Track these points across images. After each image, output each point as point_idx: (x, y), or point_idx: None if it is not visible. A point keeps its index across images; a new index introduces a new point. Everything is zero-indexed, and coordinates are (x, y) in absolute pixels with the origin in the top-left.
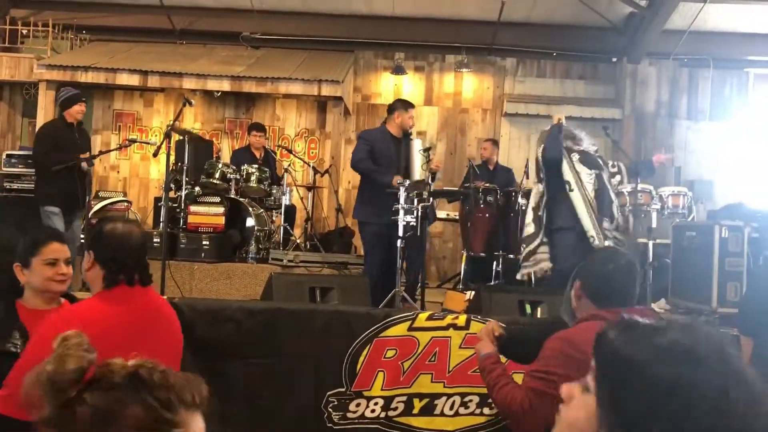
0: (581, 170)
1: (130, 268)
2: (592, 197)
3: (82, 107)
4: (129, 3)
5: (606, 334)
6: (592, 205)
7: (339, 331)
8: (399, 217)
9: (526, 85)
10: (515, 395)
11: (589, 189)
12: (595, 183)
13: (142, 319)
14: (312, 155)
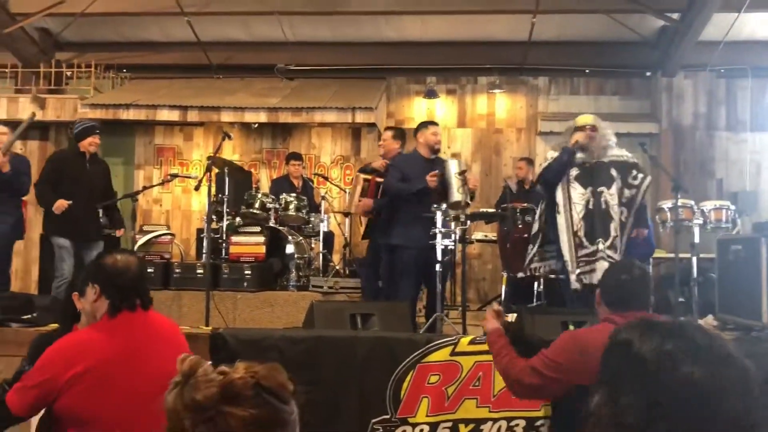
0: (573, 189)
1: (132, 295)
2: (578, 219)
3: (95, 139)
4: (167, 41)
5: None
6: (576, 232)
7: (382, 358)
8: (437, 241)
9: (559, 103)
10: (515, 365)
11: (578, 210)
12: (588, 202)
13: (147, 338)
14: (348, 182)
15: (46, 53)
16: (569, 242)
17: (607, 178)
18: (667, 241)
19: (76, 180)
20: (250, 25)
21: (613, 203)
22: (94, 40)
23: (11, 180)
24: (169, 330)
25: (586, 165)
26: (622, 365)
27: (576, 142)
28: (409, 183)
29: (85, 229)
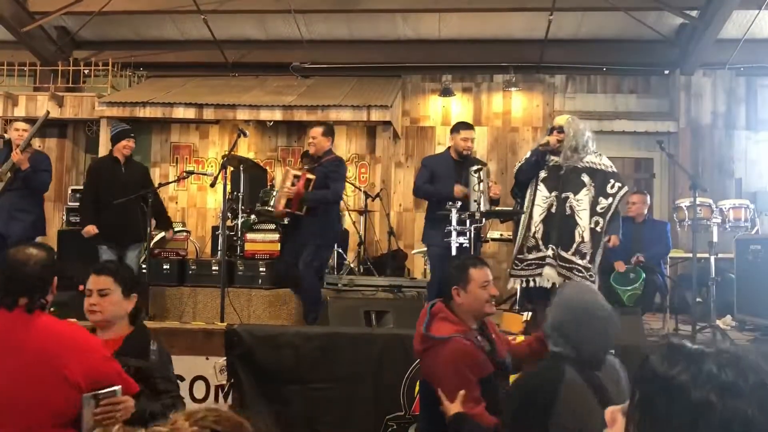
0: (539, 192)
1: (11, 292)
2: (538, 221)
3: (129, 143)
4: (183, 39)
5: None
6: (534, 234)
7: (396, 355)
8: (451, 239)
9: (576, 102)
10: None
11: (538, 213)
12: (551, 206)
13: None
14: (363, 180)
15: (64, 51)
16: (520, 242)
17: (575, 184)
18: (684, 240)
19: (111, 185)
20: (266, 23)
21: (580, 209)
22: (111, 39)
23: (30, 176)
24: (38, 342)
25: (557, 168)
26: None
27: (546, 143)
28: (436, 184)
29: (120, 233)
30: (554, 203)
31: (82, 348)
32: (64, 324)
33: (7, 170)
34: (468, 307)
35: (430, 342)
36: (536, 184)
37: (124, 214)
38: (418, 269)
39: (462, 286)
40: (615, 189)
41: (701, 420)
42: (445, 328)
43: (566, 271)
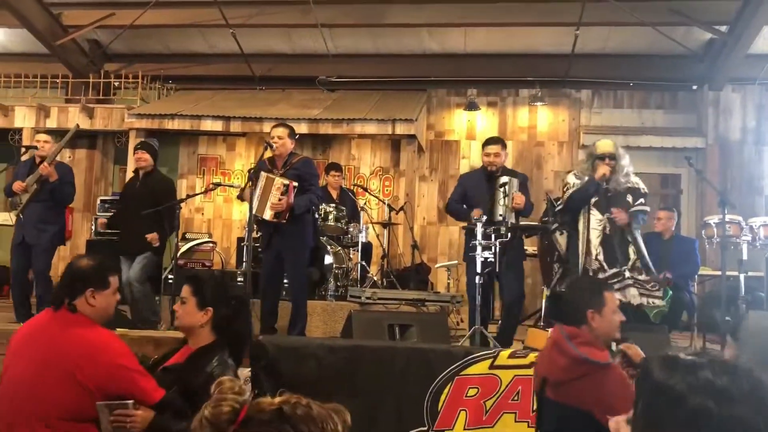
0: (592, 216)
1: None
2: (597, 244)
3: (137, 155)
4: (211, 53)
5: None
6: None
7: (420, 369)
8: (476, 254)
9: (602, 117)
10: None
11: (595, 235)
12: (605, 228)
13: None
14: (386, 193)
15: (95, 64)
16: (582, 268)
17: (622, 204)
18: (713, 258)
19: (126, 198)
20: (292, 37)
21: (627, 228)
22: (141, 52)
23: (56, 189)
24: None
25: (605, 191)
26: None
27: (603, 175)
28: (470, 200)
29: (126, 244)
30: (607, 225)
31: (95, 352)
32: (92, 328)
33: (33, 182)
34: (602, 331)
35: (589, 367)
36: (588, 210)
37: (128, 226)
38: (442, 283)
39: (597, 309)
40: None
41: (702, 426)
42: (594, 353)
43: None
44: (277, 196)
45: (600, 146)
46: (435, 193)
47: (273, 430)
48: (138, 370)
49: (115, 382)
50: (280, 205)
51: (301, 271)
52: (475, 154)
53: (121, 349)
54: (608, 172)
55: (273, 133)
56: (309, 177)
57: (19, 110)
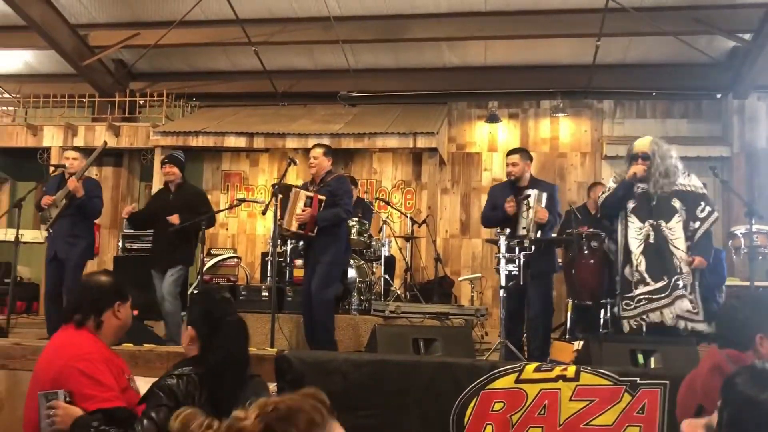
0: (631, 223)
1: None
2: (638, 254)
3: (165, 169)
4: (234, 70)
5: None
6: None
7: (445, 383)
8: (501, 267)
9: (625, 127)
10: None
11: (635, 245)
12: (648, 237)
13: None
14: (409, 206)
15: (120, 83)
16: (622, 279)
17: (667, 211)
18: (740, 268)
19: (156, 212)
20: (314, 54)
21: (674, 237)
22: (165, 70)
23: (85, 204)
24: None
25: (647, 196)
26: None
27: (633, 175)
28: (498, 211)
29: (157, 258)
30: (650, 233)
31: (55, 353)
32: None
33: (62, 197)
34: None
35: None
36: (626, 216)
37: (159, 240)
38: (465, 296)
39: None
40: (705, 213)
41: None
42: None
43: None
44: (300, 207)
45: (635, 145)
46: (457, 205)
47: None
48: (92, 376)
49: (64, 382)
50: (302, 216)
51: (325, 288)
52: (497, 166)
53: (84, 353)
54: (640, 172)
55: (310, 154)
56: (339, 192)
57: (47, 129)
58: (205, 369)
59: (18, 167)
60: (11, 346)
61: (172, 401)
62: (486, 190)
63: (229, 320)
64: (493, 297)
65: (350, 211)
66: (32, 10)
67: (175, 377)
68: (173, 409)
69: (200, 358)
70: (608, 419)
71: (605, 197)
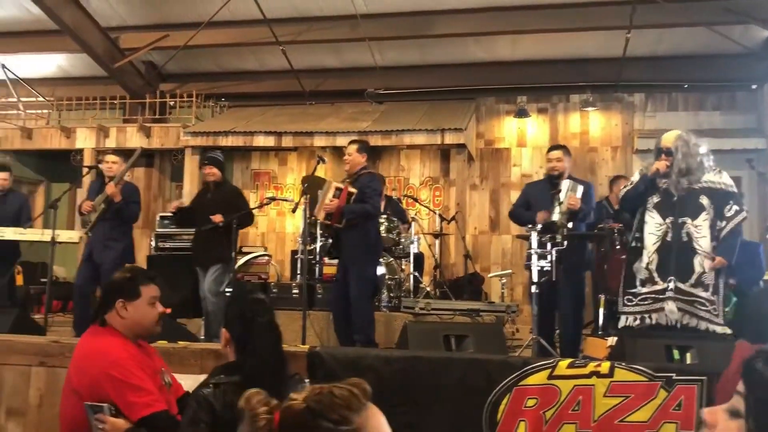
0: (650, 218)
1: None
2: (652, 251)
3: (205, 170)
4: (262, 70)
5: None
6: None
7: (477, 380)
8: (532, 263)
9: (657, 120)
10: None
11: (651, 241)
12: (666, 234)
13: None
14: (437, 203)
15: (151, 85)
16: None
17: (693, 208)
18: None
19: (197, 210)
20: (341, 52)
21: (699, 236)
22: (194, 71)
23: (122, 208)
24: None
25: (671, 192)
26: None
27: (656, 171)
28: (533, 208)
29: (198, 255)
30: (669, 230)
31: (87, 361)
32: (101, 338)
33: (101, 201)
34: None
35: None
36: (646, 210)
37: (200, 238)
38: (495, 293)
39: None
40: (732, 212)
41: None
42: None
43: (688, 306)
44: (329, 198)
45: (661, 139)
46: (486, 202)
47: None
48: (129, 383)
49: (102, 391)
50: (330, 206)
51: (362, 286)
52: (527, 161)
53: (116, 359)
54: (663, 168)
55: (345, 150)
56: (367, 190)
57: (80, 131)
58: (244, 375)
59: (52, 169)
60: (49, 343)
61: (209, 415)
62: (516, 186)
63: (260, 321)
64: (524, 293)
65: (378, 209)
66: (65, 14)
67: (212, 387)
68: (210, 424)
69: (237, 364)
70: (644, 415)
71: (626, 191)
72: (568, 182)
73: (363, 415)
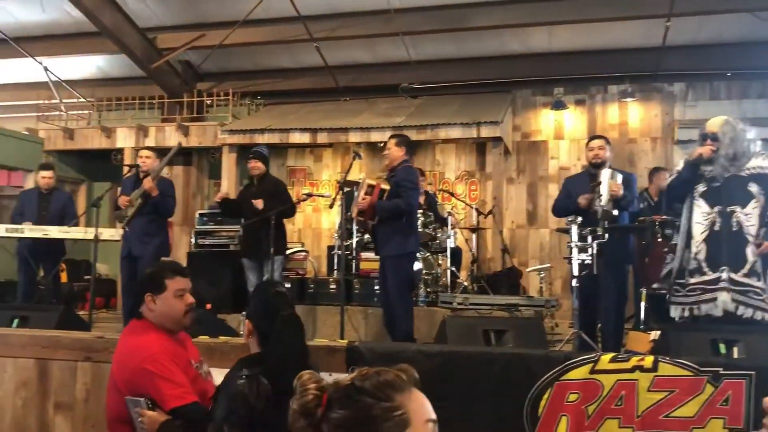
0: (697, 207)
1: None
2: (700, 241)
3: (250, 164)
4: (297, 67)
5: None
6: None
7: (518, 374)
8: (572, 256)
9: (698, 110)
10: None
11: (700, 231)
12: (714, 223)
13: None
14: (473, 197)
15: (188, 84)
16: (679, 265)
17: (742, 195)
18: None
19: (243, 204)
20: (374, 47)
21: (749, 224)
22: (230, 70)
23: (159, 203)
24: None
25: (717, 180)
26: None
27: (699, 155)
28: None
29: (250, 247)
30: (717, 219)
31: (125, 356)
32: (139, 333)
33: (138, 196)
34: None
35: None
36: (693, 199)
37: (251, 231)
38: (534, 287)
39: None
40: None
41: None
42: None
43: (740, 296)
44: (362, 195)
45: (707, 124)
46: (524, 195)
47: (353, 404)
48: (163, 376)
49: (139, 385)
50: (362, 204)
51: (399, 282)
52: (564, 153)
53: (151, 354)
54: (707, 153)
55: (386, 145)
56: (403, 183)
57: (120, 131)
58: (266, 367)
59: (93, 169)
60: (94, 339)
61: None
62: (553, 179)
63: (282, 314)
64: (563, 287)
65: (412, 204)
66: (104, 16)
67: (245, 379)
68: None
69: (260, 356)
70: (690, 411)
71: (671, 180)
72: (607, 171)
73: (405, 396)
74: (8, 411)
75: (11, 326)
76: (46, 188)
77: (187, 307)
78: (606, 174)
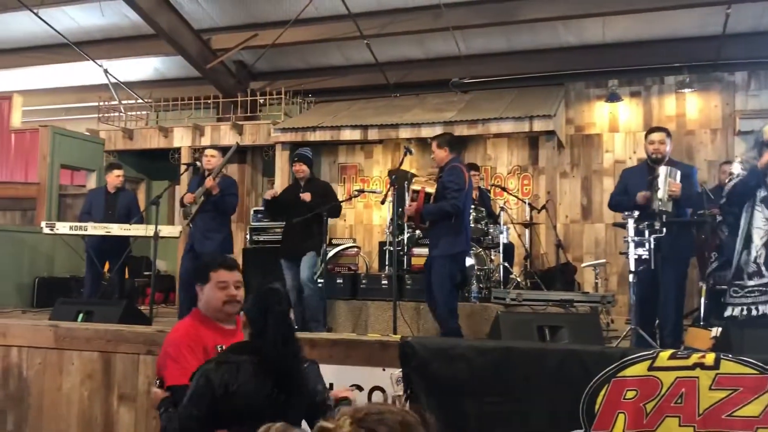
0: (758, 212)
1: None
2: (760, 245)
3: (295, 167)
4: (347, 65)
5: None
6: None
7: (573, 371)
8: (629, 251)
9: (761, 99)
10: None
11: (759, 235)
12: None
13: None
14: (525, 192)
15: (242, 83)
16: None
17: None
18: None
19: (288, 204)
20: (424, 43)
21: None
22: (282, 69)
23: (219, 200)
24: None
25: None
26: None
27: (766, 164)
28: (630, 196)
29: (288, 247)
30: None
31: (164, 340)
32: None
33: (200, 194)
34: None
35: None
36: (754, 205)
37: (290, 231)
38: (589, 283)
39: None
40: None
41: None
42: None
43: None
44: (408, 202)
45: (764, 131)
46: (578, 189)
47: None
48: (173, 357)
49: (161, 364)
50: (409, 210)
51: (444, 281)
52: (619, 147)
53: (174, 338)
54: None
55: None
56: (448, 184)
57: (177, 131)
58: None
59: (152, 168)
60: (155, 333)
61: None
62: (608, 173)
63: (276, 310)
64: (619, 283)
65: (457, 206)
66: (160, 18)
67: (214, 363)
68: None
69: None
70: (755, 410)
71: (734, 185)
72: (665, 168)
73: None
74: (75, 402)
75: (77, 320)
76: (114, 187)
77: (227, 298)
78: (663, 172)
